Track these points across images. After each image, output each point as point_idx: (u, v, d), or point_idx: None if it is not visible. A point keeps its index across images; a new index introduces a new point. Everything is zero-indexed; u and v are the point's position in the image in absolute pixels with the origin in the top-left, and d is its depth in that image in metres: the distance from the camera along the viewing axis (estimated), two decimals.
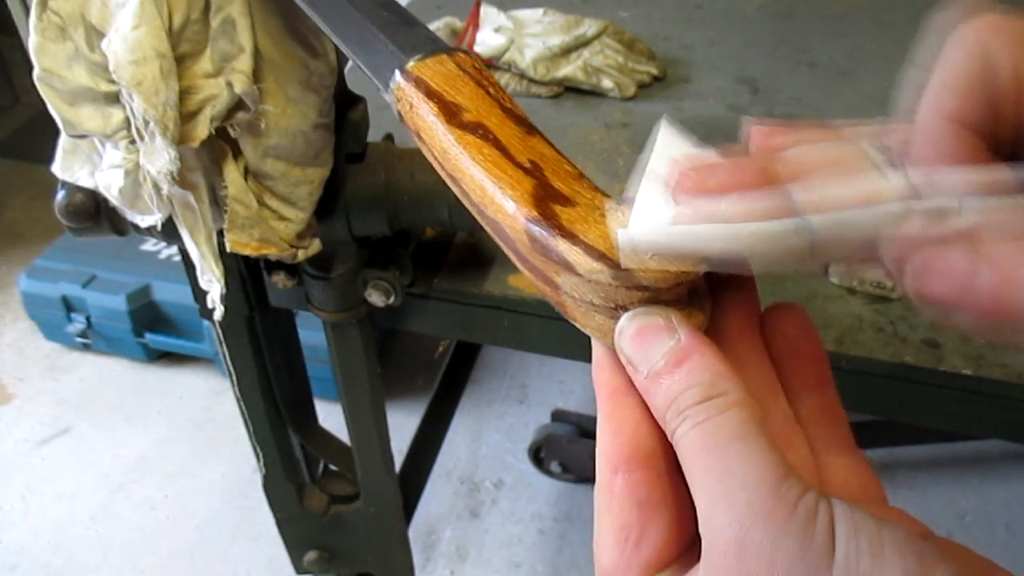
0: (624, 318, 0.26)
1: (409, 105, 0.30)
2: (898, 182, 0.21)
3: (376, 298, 0.67)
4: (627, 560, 0.24)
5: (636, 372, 0.26)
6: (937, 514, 1.49)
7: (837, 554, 0.20)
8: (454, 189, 0.30)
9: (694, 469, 0.23)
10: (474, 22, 0.97)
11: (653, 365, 0.25)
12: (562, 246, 0.26)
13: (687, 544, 0.25)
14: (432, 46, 0.32)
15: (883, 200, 0.21)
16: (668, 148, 0.27)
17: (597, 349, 0.28)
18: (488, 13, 0.98)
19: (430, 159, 0.30)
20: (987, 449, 1.58)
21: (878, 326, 0.64)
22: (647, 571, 0.24)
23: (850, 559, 0.20)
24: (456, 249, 0.73)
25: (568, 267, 0.26)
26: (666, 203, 0.25)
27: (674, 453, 0.25)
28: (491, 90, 0.30)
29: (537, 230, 0.26)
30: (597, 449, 0.26)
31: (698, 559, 0.23)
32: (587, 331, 0.28)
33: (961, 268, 0.19)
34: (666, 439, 0.25)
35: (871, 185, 0.22)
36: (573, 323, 0.28)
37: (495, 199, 0.27)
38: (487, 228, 0.29)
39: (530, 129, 0.30)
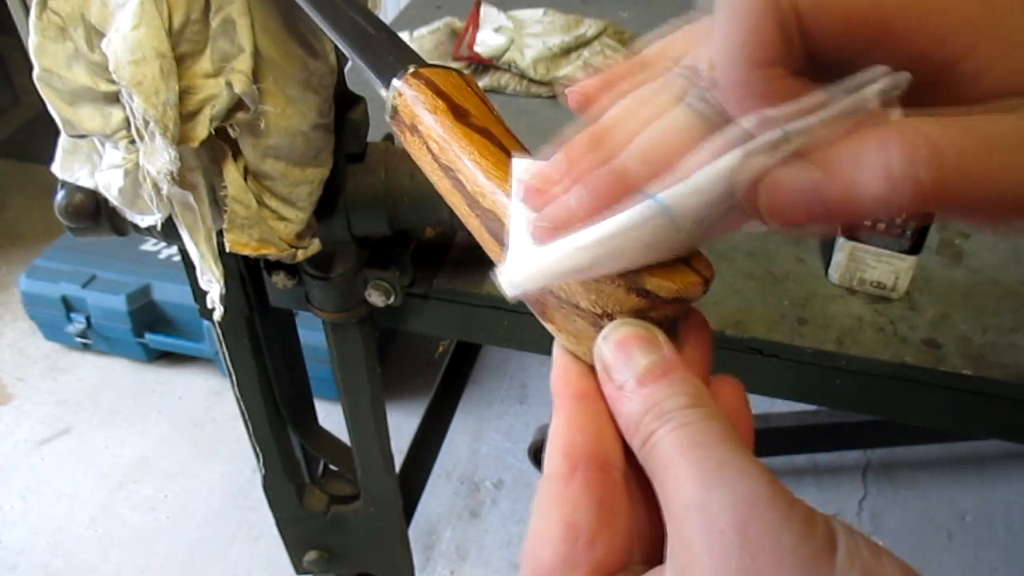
0: (611, 324, 0.26)
1: (414, 98, 0.31)
2: (728, 133, 0.23)
3: (376, 298, 0.67)
4: (576, 558, 0.23)
5: (610, 379, 0.25)
6: (937, 514, 1.49)
7: (839, 544, 0.20)
8: (443, 182, 0.30)
9: (679, 463, 0.22)
10: (474, 22, 0.97)
11: (636, 373, 0.25)
12: None
13: (631, 559, 0.25)
14: (435, 64, 0.33)
15: (719, 155, 0.23)
16: (521, 174, 0.27)
17: (562, 355, 0.28)
18: (488, 13, 0.98)
19: (421, 152, 0.31)
20: (987, 449, 1.58)
21: (878, 326, 0.64)
22: (597, 572, 0.24)
23: (850, 549, 0.20)
24: (456, 249, 0.73)
25: None
26: (528, 231, 0.26)
27: (633, 467, 0.25)
28: (494, 110, 0.32)
29: None
30: (550, 446, 0.26)
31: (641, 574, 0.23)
32: (560, 335, 0.27)
33: (799, 178, 0.22)
34: (627, 451, 0.25)
35: (706, 146, 0.23)
36: (546, 324, 0.28)
37: (496, 190, 0.28)
38: (475, 220, 0.29)
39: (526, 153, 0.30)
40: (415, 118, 0.31)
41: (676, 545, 0.22)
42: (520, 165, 0.27)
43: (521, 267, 0.25)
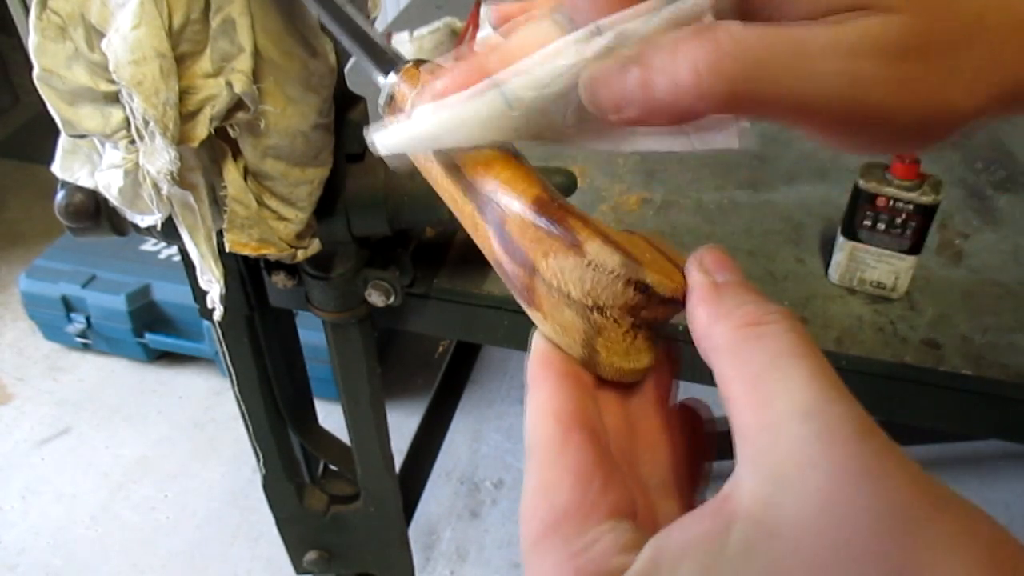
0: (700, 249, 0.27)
1: (417, 84, 0.32)
2: (571, 38, 0.25)
3: (376, 298, 0.67)
4: (592, 501, 0.22)
5: (708, 275, 0.25)
6: None
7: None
8: (434, 165, 0.30)
9: (796, 364, 0.20)
10: (474, 22, 0.97)
11: (740, 277, 0.25)
12: (574, 223, 0.26)
13: (638, 511, 0.24)
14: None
15: (562, 56, 0.25)
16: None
17: (543, 342, 0.27)
18: (488, 13, 0.98)
19: None
20: (987, 449, 1.58)
21: (878, 326, 0.64)
22: (614, 514, 0.22)
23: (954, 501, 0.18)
24: (456, 249, 0.73)
25: (574, 245, 0.26)
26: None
27: (618, 447, 0.25)
28: None
29: (548, 203, 0.27)
30: (537, 416, 0.25)
31: (641, 532, 0.22)
32: (547, 323, 0.27)
33: (617, 73, 0.24)
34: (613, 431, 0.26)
35: (552, 48, 0.26)
36: (532, 312, 0.28)
37: (499, 171, 0.28)
38: (467, 205, 0.29)
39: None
40: (415, 102, 0.31)
41: (769, 446, 0.19)
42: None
43: (392, 132, 0.29)
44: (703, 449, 0.28)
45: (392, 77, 0.33)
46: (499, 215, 0.27)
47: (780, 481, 0.18)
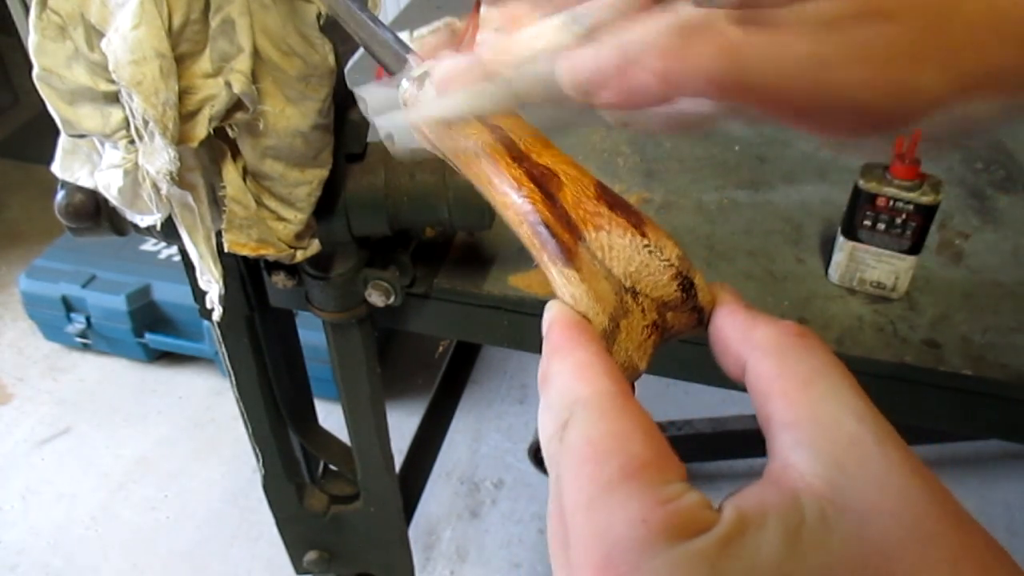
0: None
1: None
2: (557, 24, 0.26)
3: (376, 298, 0.67)
4: (666, 456, 0.22)
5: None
6: None
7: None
8: (486, 135, 0.30)
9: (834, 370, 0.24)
10: (474, 22, 0.97)
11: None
12: (636, 208, 0.28)
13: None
14: None
15: (551, 44, 0.26)
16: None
17: (566, 312, 0.27)
18: (488, 13, 0.98)
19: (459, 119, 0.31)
20: (987, 449, 1.58)
21: (878, 326, 0.64)
22: (682, 475, 0.23)
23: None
24: (456, 249, 0.73)
25: (637, 225, 0.27)
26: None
27: None
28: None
29: (607, 188, 0.29)
30: (587, 370, 0.25)
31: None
32: (580, 285, 0.27)
33: (589, 56, 0.25)
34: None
35: (543, 37, 0.27)
36: (564, 271, 0.28)
37: (555, 154, 0.30)
38: (518, 170, 0.30)
39: None
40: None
41: (826, 438, 0.22)
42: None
43: (396, 115, 0.31)
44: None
45: (405, 84, 0.33)
46: (558, 183, 0.28)
47: (842, 468, 0.21)
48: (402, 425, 1.54)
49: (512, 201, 0.29)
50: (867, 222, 0.64)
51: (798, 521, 0.20)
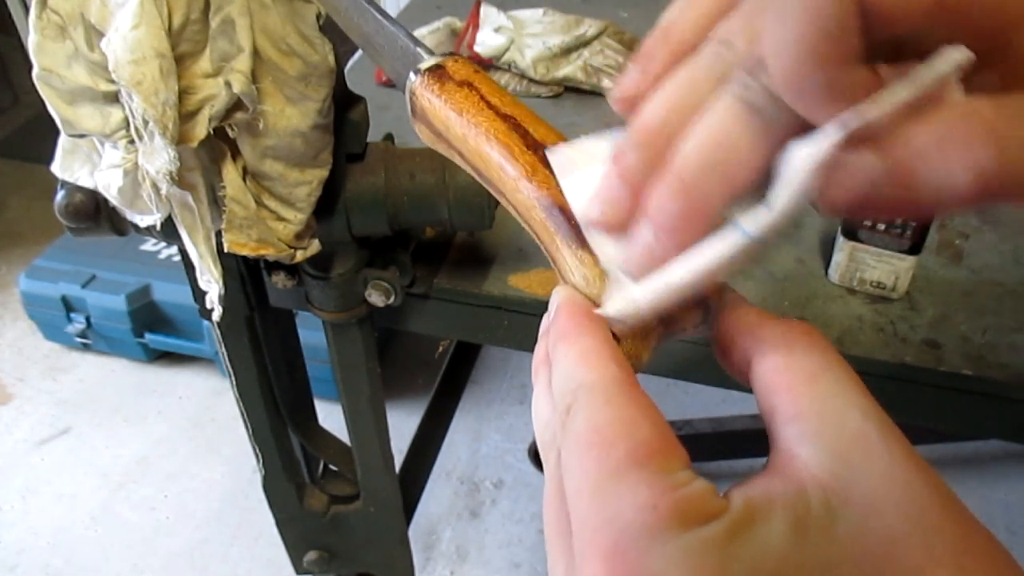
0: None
1: (444, 88, 0.31)
2: (813, 142, 0.21)
3: (376, 298, 0.67)
4: (674, 443, 0.22)
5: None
6: None
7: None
8: (498, 124, 0.30)
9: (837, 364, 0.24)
10: (474, 22, 0.97)
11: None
12: None
13: None
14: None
15: (803, 170, 0.21)
16: (576, 181, 0.28)
17: (579, 296, 0.27)
18: (488, 13, 0.98)
19: (476, 105, 0.31)
20: (987, 449, 1.58)
21: (878, 326, 0.64)
22: (688, 464, 0.22)
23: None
24: (456, 249, 0.73)
25: None
26: (620, 263, 0.26)
27: None
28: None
29: None
30: (594, 356, 0.25)
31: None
32: (595, 268, 0.27)
33: (863, 170, 0.21)
34: None
35: (789, 158, 0.22)
36: (574, 254, 0.27)
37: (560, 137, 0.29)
38: (530, 156, 0.29)
39: None
40: (472, 76, 0.31)
41: (831, 431, 0.22)
42: (565, 168, 0.28)
43: (626, 304, 0.26)
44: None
45: (413, 78, 0.32)
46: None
47: (846, 462, 0.21)
48: (402, 425, 1.54)
49: (525, 186, 0.29)
50: (867, 222, 0.64)
51: (804, 512, 0.21)
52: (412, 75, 0.32)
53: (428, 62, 0.33)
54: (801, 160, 0.21)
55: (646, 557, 0.20)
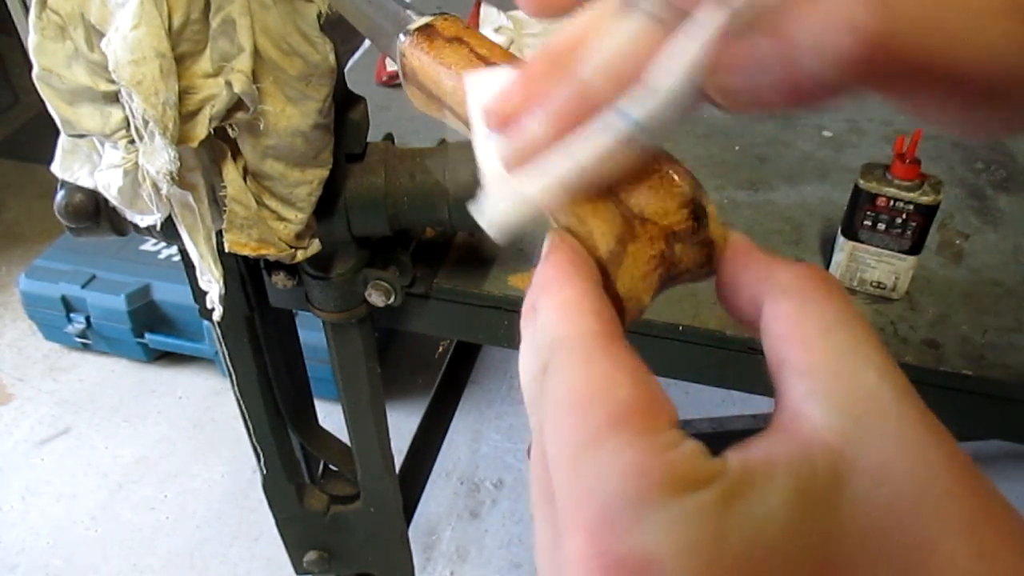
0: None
1: (433, 48, 0.31)
2: (688, 31, 0.21)
3: (376, 298, 0.67)
4: (658, 400, 0.21)
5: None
6: None
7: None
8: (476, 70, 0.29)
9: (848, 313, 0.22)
10: (474, 22, 0.97)
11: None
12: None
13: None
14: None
15: (682, 57, 0.21)
16: (478, 95, 0.27)
17: (568, 241, 0.26)
18: (488, 13, 0.98)
19: (467, 59, 0.30)
20: (987, 449, 1.58)
21: (878, 326, 0.64)
22: (676, 422, 0.21)
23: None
24: (456, 249, 0.73)
25: (673, 181, 0.25)
26: (500, 165, 0.25)
27: None
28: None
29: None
30: (571, 309, 0.23)
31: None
32: (586, 205, 0.26)
33: (751, 55, 0.21)
34: None
35: (669, 50, 0.22)
36: (580, 205, 0.26)
37: None
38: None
39: None
40: (461, 32, 0.31)
41: (844, 389, 0.21)
42: (475, 83, 0.27)
43: (498, 207, 0.25)
44: None
45: (403, 39, 0.32)
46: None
47: (857, 422, 0.20)
48: (402, 425, 1.54)
49: None
50: (867, 222, 0.64)
51: (808, 477, 0.19)
52: (402, 36, 0.32)
53: (417, 22, 0.32)
54: (686, 40, 0.21)
55: (634, 529, 0.18)
